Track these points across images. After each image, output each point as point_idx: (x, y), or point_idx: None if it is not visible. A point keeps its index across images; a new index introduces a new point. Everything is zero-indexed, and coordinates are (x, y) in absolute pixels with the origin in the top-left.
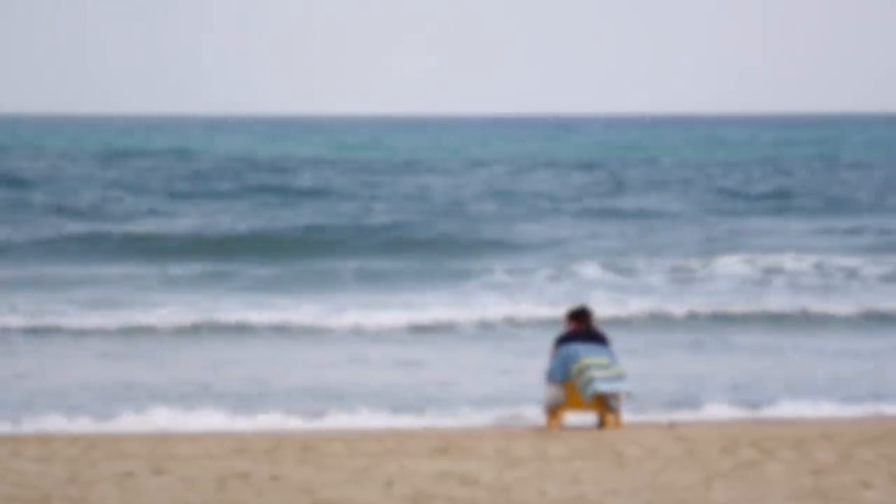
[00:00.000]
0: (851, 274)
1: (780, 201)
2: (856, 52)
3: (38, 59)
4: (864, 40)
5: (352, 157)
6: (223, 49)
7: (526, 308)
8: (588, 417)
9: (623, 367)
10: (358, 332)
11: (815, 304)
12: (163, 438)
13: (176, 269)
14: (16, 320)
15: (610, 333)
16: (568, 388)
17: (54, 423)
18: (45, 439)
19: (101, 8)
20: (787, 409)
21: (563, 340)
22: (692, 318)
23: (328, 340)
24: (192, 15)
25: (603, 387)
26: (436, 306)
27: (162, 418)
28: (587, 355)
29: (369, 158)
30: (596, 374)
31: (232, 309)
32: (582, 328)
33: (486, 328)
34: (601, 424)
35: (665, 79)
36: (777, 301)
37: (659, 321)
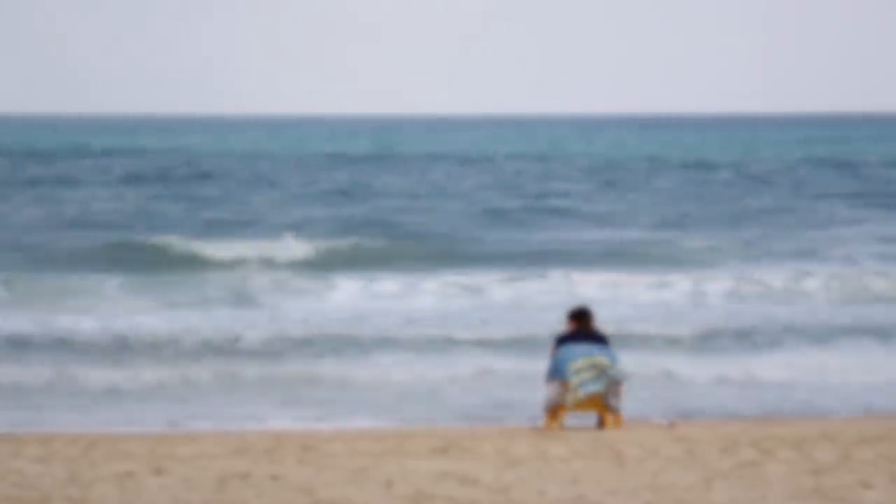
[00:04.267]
0: None
1: None
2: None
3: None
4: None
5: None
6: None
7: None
8: (588, 417)
9: (623, 366)
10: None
11: None
12: (163, 438)
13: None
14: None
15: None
16: (567, 387)
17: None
18: (45, 439)
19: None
20: None
21: (563, 340)
22: None
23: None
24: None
25: (592, 388)
26: None
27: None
28: (586, 356)
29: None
30: (587, 375)
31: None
32: (582, 328)
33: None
34: (601, 424)
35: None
36: None
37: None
